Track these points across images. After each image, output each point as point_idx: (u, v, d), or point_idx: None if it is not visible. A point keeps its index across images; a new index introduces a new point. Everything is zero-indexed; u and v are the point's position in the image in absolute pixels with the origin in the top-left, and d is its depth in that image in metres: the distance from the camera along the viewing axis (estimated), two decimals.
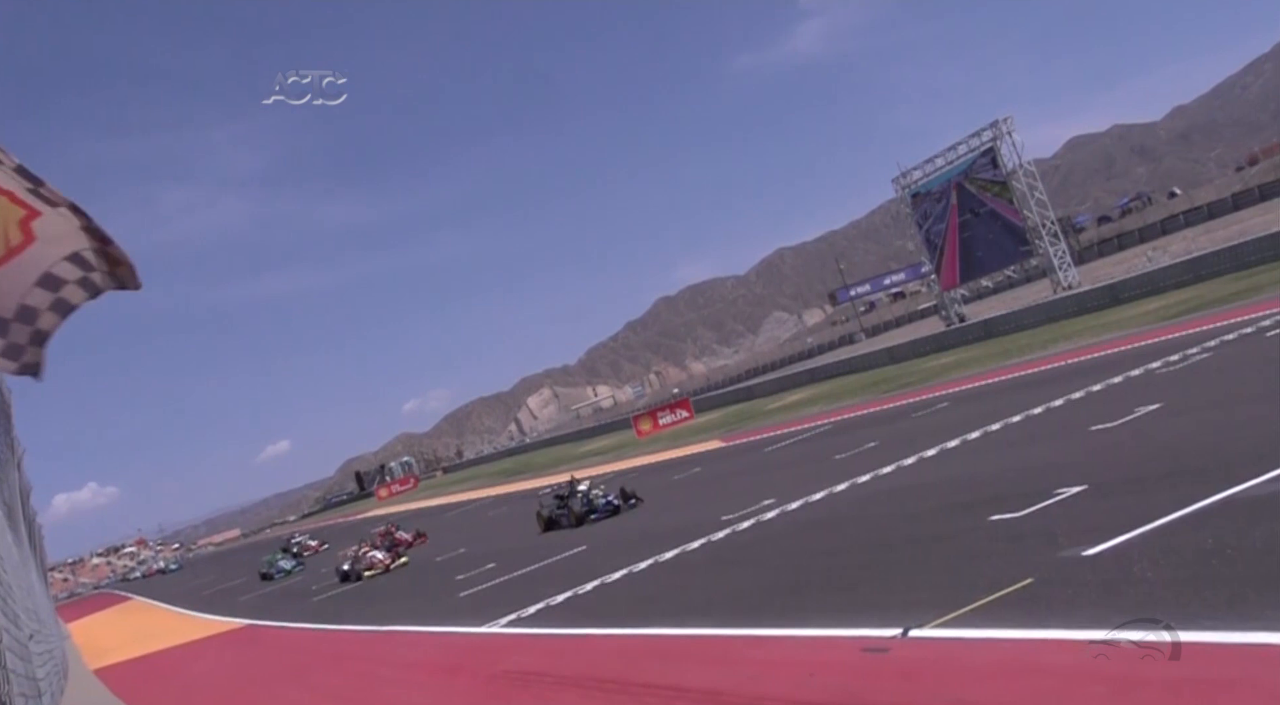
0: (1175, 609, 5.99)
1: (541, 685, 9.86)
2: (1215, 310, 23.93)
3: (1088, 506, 9.48)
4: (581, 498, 23.21)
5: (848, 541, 12.16)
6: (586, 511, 22.82)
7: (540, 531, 23.76)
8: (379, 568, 27.70)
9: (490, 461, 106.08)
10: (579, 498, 23.29)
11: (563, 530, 22.92)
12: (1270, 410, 11.26)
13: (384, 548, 29.57)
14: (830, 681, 6.94)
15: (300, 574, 38.09)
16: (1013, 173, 47.96)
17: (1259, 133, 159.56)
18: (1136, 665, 5.54)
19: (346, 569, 28.62)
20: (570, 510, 23.12)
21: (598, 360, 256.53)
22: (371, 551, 28.55)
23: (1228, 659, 5.21)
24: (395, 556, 28.27)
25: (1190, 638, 5.51)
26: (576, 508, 23.00)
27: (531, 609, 14.27)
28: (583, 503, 23.05)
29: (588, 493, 23.36)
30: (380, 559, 27.90)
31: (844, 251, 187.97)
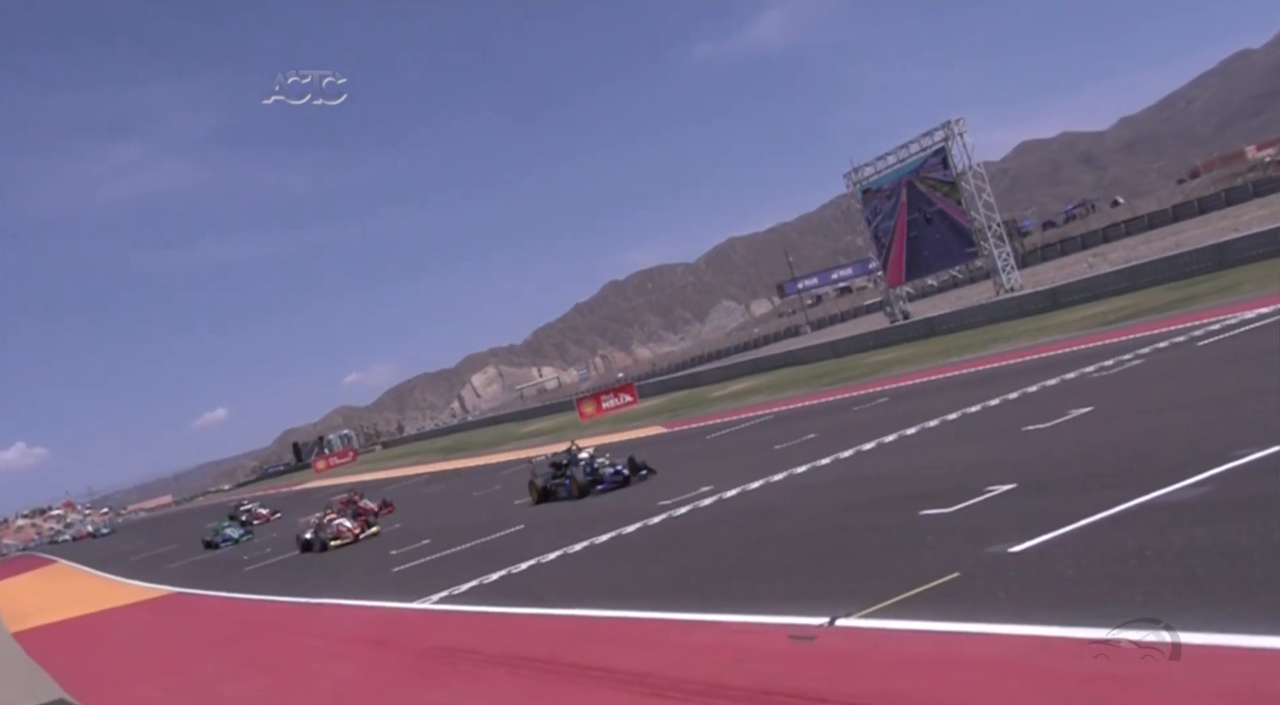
0: (1092, 606, 6.14)
1: (470, 662, 9.86)
2: (1150, 318, 24.46)
3: (1016, 505, 9.66)
4: (585, 466, 21.43)
5: (781, 531, 12.28)
6: (591, 481, 21.05)
7: (533, 503, 22.25)
8: (347, 537, 25.35)
9: (431, 438, 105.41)
10: (582, 466, 21.49)
11: (560, 502, 21.31)
12: (1196, 418, 11.55)
13: (349, 517, 27.06)
14: (756, 667, 7.03)
15: (248, 543, 36.15)
16: (962, 174, 48.52)
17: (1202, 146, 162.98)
18: (1053, 660, 5.68)
19: (309, 538, 26.40)
20: (573, 480, 21.31)
21: (544, 341, 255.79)
22: (338, 519, 26.19)
23: (1143, 656, 5.34)
24: (364, 525, 26.13)
25: (1106, 635, 5.65)
26: (580, 477, 21.18)
27: (464, 586, 14.24)
28: (587, 471, 21.26)
29: (591, 461, 21.55)
30: (348, 528, 25.66)
31: (794, 244, 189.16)
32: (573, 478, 21.33)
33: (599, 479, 21.02)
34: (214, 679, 13.14)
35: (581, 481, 21.08)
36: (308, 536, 26.41)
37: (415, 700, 9.06)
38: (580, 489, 21.01)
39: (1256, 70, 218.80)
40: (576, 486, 21.11)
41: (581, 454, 22.11)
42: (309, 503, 47.58)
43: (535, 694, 8.12)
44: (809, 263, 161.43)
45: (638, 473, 20.95)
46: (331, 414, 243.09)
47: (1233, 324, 18.59)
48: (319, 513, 27.42)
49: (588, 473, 21.23)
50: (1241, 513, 7.30)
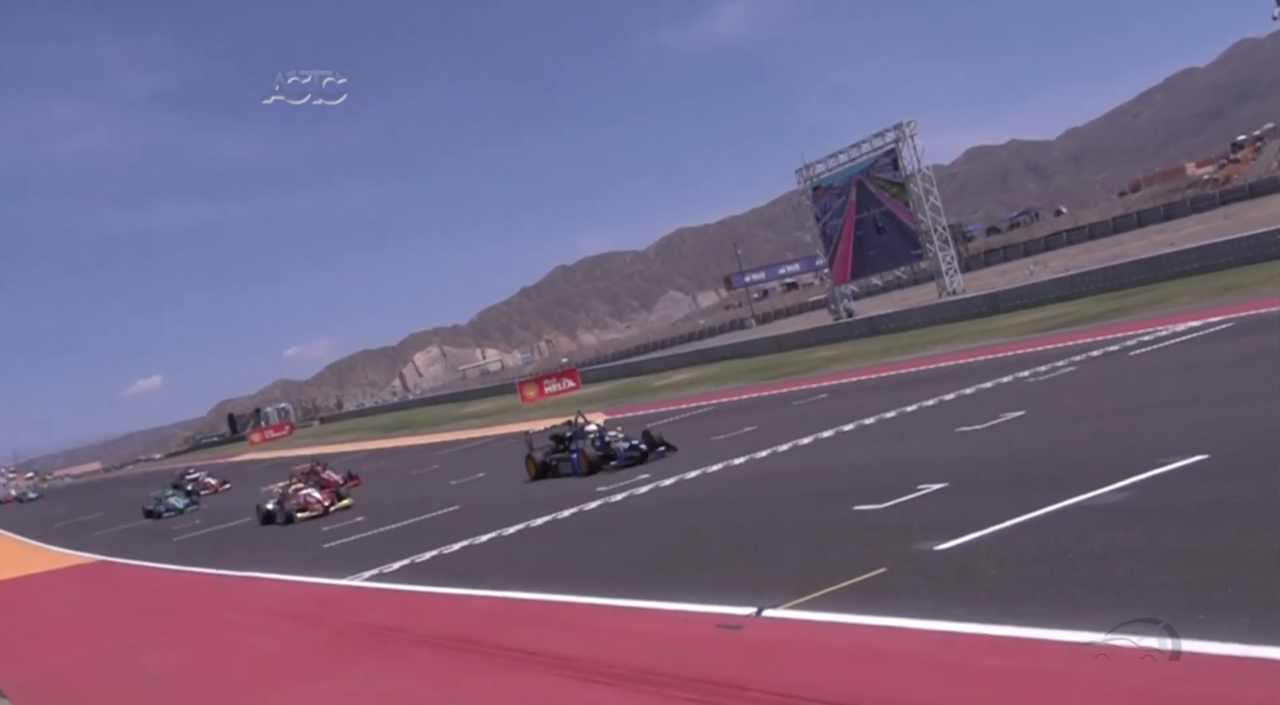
0: (1012, 605, 6.26)
1: (395, 640, 9.79)
2: (1086, 327, 24.95)
3: (946, 503, 9.81)
4: (594, 440, 19.54)
5: (715, 521, 12.35)
6: (604, 457, 19.14)
7: (531, 477, 20.58)
8: (315, 509, 23.50)
9: (371, 415, 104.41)
10: (591, 440, 19.59)
11: (562, 478, 19.60)
12: (1124, 425, 11.81)
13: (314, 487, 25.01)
14: (681, 655, 7.06)
15: (194, 514, 34.24)
16: (911, 176, 49.06)
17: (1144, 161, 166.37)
18: (970, 657, 5.78)
19: (271, 509, 24.60)
20: (581, 454, 19.38)
21: (489, 323, 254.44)
22: (305, 489, 24.25)
23: (1055, 655, 5.46)
24: (334, 497, 24.19)
25: (1022, 633, 5.77)
26: (590, 452, 19.22)
27: (395, 565, 14.15)
28: (596, 445, 19.39)
29: (601, 434, 19.71)
30: (317, 499, 23.76)
31: (743, 237, 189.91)
32: (581, 451, 19.45)
33: (611, 454, 19.13)
34: (133, 649, 12.93)
35: (592, 456, 19.17)
36: (270, 507, 24.79)
37: (336, 676, 8.98)
38: (590, 464, 19.11)
39: (1200, 89, 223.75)
40: (586, 462, 19.22)
41: (589, 426, 20.24)
42: (241, 475, 46.93)
43: (458, 675, 8.10)
44: (757, 257, 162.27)
45: (655, 449, 19.13)
46: (270, 387, 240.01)
47: (1164, 336, 19.02)
48: (283, 482, 25.68)
49: (597, 446, 19.37)
50: (1161, 519, 7.48)
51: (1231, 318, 19.28)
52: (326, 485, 24.83)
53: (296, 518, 23.36)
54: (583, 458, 19.30)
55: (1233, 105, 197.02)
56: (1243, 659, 4.79)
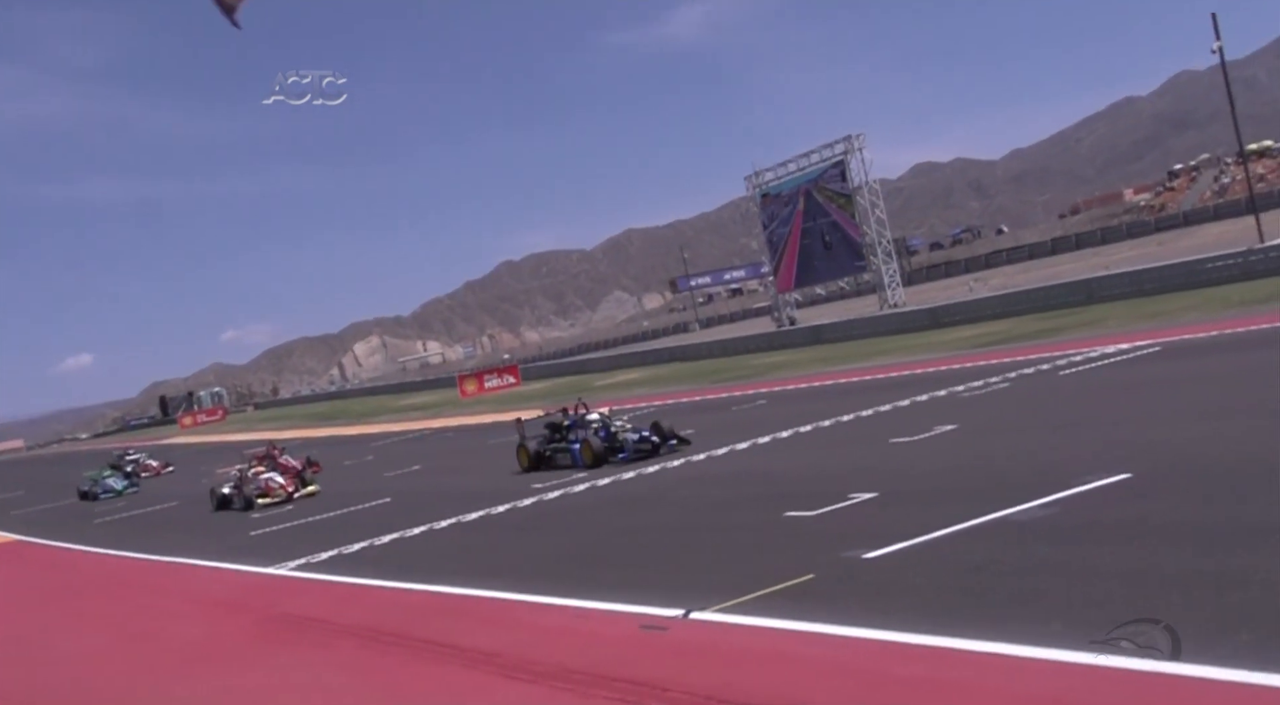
0: (934, 615, 6.35)
1: (319, 631, 9.68)
2: (1020, 344, 25.40)
3: (875, 513, 9.92)
4: (598, 429, 18.13)
5: (647, 521, 12.38)
6: (609, 448, 17.69)
7: (522, 468, 18.97)
8: (278, 495, 21.90)
9: (306, 403, 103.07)
10: (594, 429, 18.16)
11: (559, 470, 18.05)
12: (1050, 442, 12.04)
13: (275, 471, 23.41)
14: (605, 654, 7.07)
15: (133, 497, 32.68)
16: (858, 188, 49.58)
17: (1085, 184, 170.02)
18: (888, 664, 5.86)
19: (227, 493, 22.89)
20: (585, 445, 17.84)
21: (432, 315, 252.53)
22: (267, 474, 22.71)
23: (971, 665, 5.56)
24: (299, 482, 22.58)
25: (942, 643, 5.86)
26: (596, 443, 17.70)
27: (323, 555, 13.98)
28: (601, 434, 17.98)
29: (606, 424, 18.30)
30: (279, 484, 22.16)
31: (690, 241, 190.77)
32: (585, 442, 17.89)
33: (618, 446, 17.68)
34: (45, 632, 12.62)
35: (598, 448, 17.66)
36: (226, 491, 23.02)
37: (256, 665, 8.86)
38: (595, 457, 17.58)
39: (1141, 117, 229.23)
40: (590, 453, 17.67)
41: (591, 415, 18.80)
42: (171, 458, 46.00)
43: (380, 667, 8.02)
44: (704, 261, 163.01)
45: (667, 441, 17.58)
46: (204, 370, 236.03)
47: (1094, 357, 19.43)
48: (240, 465, 24.09)
49: (603, 436, 17.91)
50: (1082, 535, 7.64)
51: (1159, 342, 19.75)
52: (285, 471, 23.32)
53: (257, 504, 21.76)
54: (586, 449, 17.79)
55: (1171, 134, 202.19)
56: (1152, 674, 4.90)
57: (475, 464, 25.11)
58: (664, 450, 17.44)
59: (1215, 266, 30.07)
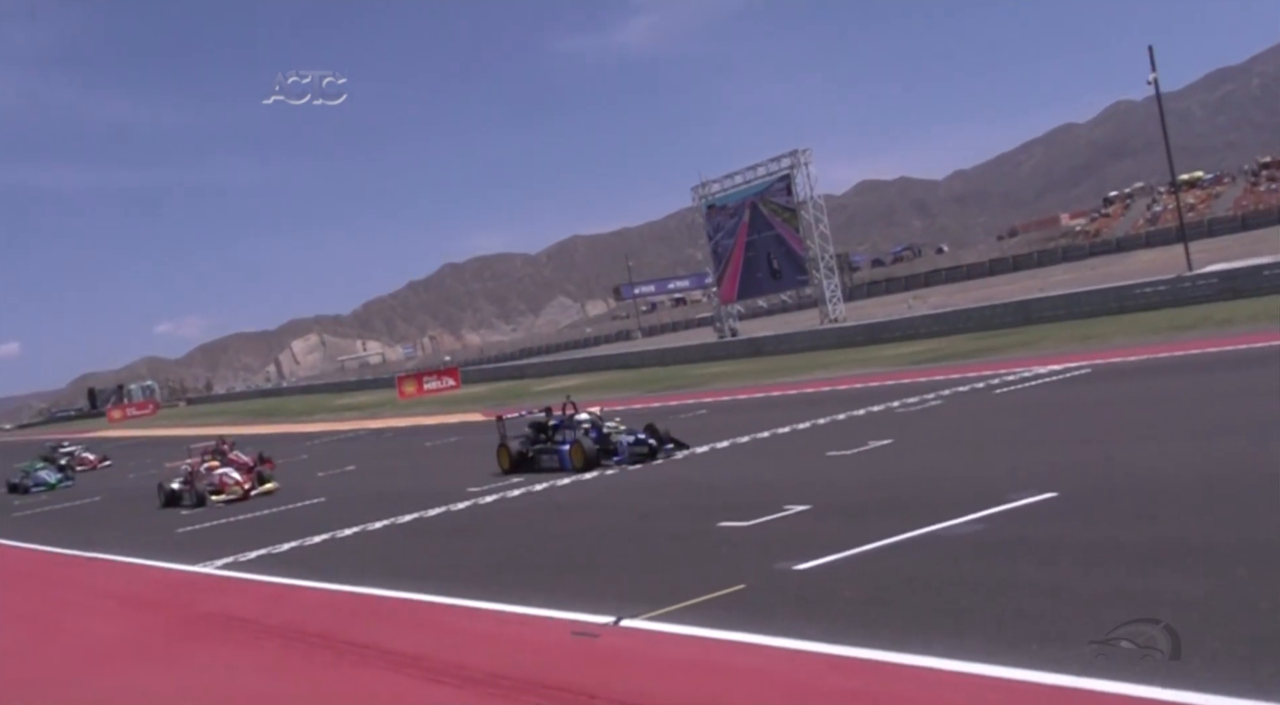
0: (860, 627, 6.42)
1: (243, 631, 9.52)
2: (956, 363, 25.80)
3: (808, 525, 10.00)
4: (588, 430, 17.06)
5: (582, 527, 12.37)
6: (601, 450, 16.64)
7: (503, 470, 17.96)
8: (234, 492, 20.64)
9: (241, 400, 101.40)
10: (585, 430, 17.08)
11: (544, 473, 17.00)
12: (981, 459, 12.25)
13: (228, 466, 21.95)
14: (534, 660, 7.05)
15: (67, 490, 31.45)
16: (803, 203, 50.04)
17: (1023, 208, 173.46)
18: (816, 675, 5.91)
19: (177, 489, 21.59)
20: (576, 447, 16.76)
21: (374, 315, 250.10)
22: (222, 469, 21.42)
23: (896, 677, 5.62)
24: (256, 478, 21.30)
25: (868, 655, 5.92)
26: (588, 445, 16.64)
27: (252, 554, 13.75)
28: (592, 435, 16.90)
29: (597, 425, 17.24)
30: (235, 480, 20.92)
31: (636, 249, 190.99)
32: (575, 444, 16.83)
33: (611, 449, 16.65)
34: None
35: (589, 450, 16.59)
36: (175, 487, 21.74)
37: (174, 664, 8.68)
38: (586, 459, 16.54)
39: (1079, 144, 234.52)
40: (581, 456, 16.61)
41: (581, 415, 17.68)
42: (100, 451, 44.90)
43: (304, 668, 7.91)
44: (648, 270, 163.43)
45: (663, 445, 16.64)
46: (136, 363, 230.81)
47: (1027, 377, 19.80)
48: (193, 459, 22.72)
49: (595, 437, 16.85)
50: (1007, 551, 7.77)
51: (1090, 364, 20.19)
52: (238, 466, 21.98)
53: (210, 500, 20.51)
54: (577, 451, 16.74)
55: (1108, 162, 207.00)
56: (1069, 690, 5.00)
57: (411, 466, 24.92)
58: (661, 455, 16.50)
59: (1146, 292, 30.86)
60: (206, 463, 21.80)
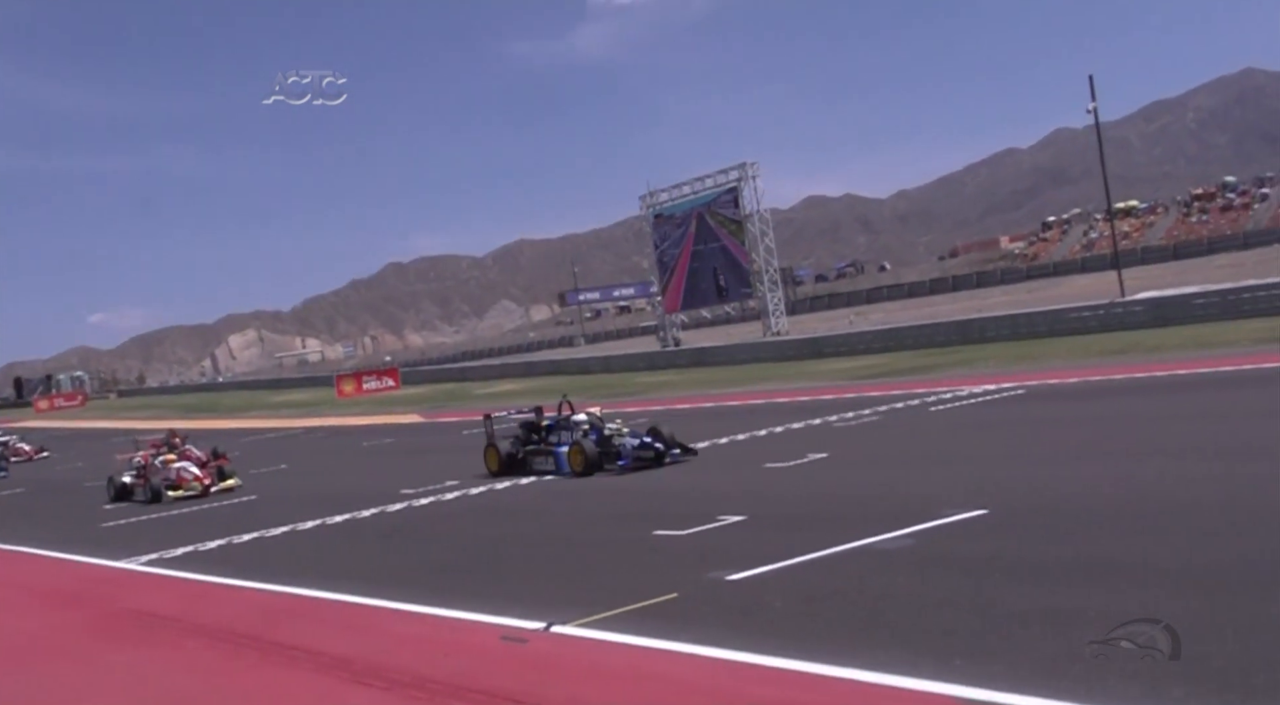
0: (788, 638, 6.45)
1: (166, 629, 9.32)
2: (895, 379, 26.13)
3: (742, 535, 10.04)
4: (587, 432, 16.06)
5: (517, 532, 12.30)
6: (604, 454, 15.59)
7: (491, 472, 16.95)
8: (193, 488, 19.46)
9: (174, 393, 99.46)
10: (584, 432, 16.07)
11: (539, 476, 16.14)
12: (915, 475, 12.39)
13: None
14: (463, 664, 6.99)
15: (2, 482, 30.61)
16: (749, 216, 50.40)
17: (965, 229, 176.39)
18: (744, 685, 5.93)
19: (129, 482, 20.49)
20: (575, 449, 15.74)
21: (314, 312, 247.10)
22: (180, 463, 20.13)
23: (822, 689, 5.66)
24: (216, 475, 20.16)
25: (796, 666, 5.95)
26: (589, 448, 15.59)
27: (178, 551, 13.48)
28: (592, 437, 15.85)
29: (597, 426, 16.22)
30: (196, 475, 19.73)
31: (582, 255, 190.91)
32: (575, 446, 15.83)
33: (614, 452, 15.61)
34: None
35: (591, 453, 15.56)
36: (128, 480, 20.61)
37: (92, 661, 8.47)
38: (587, 463, 15.52)
39: (1022, 169, 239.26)
40: (580, 459, 15.60)
41: (579, 416, 16.66)
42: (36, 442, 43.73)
43: (229, 668, 7.76)
44: (594, 277, 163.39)
45: (670, 450, 15.60)
46: (67, 352, 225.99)
47: (963, 395, 20.10)
48: (146, 451, 21.41)
49: (595, 439, 15.82)
50: (937, 566, 7.86)
51: (1025, 384, 20.55)
52: (191, 458, 20.83)
53: (167, 495, 19.42)
54: (576, 453, 15.72)
55: (1048, 187, 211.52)
56: (988, 704, 5.07)
57: (346, 466, 24.63)
58: (668, 460, 15.48)
59: (1080, 316, 31.51)
60: (161, 456, 20.57)
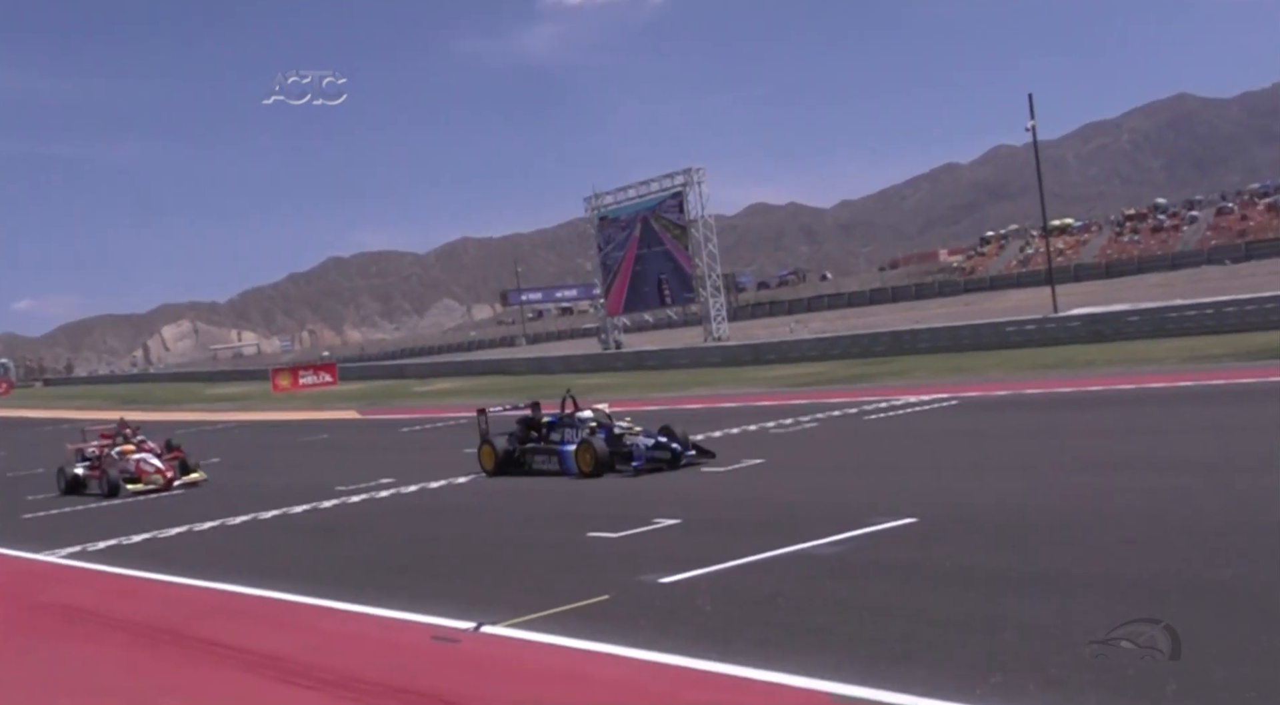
0: (717, 641, 6.51)
1: (88, 623, 9.13)
2: (832, 387, 26.40)
3: (676, 539, 10.10)
4: (594, 430, 15.11)
5: (451, 532, 12.25)
6: (615, 453, 14.62)
7: (486, 472, 16.10)
8: (154, 481, 18.33)
9: (104, 383, 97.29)
10: (591, 430, 15.13)
11: (539, 476, 15.37)
12: (847, 483, 12.56)
13: None
14: (392, 663, 6.95)
15: None
16: (694, 221, 50.65)
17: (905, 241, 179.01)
18: (673, 687, 5.98)
19: (81, 474, 19.17)
20: (585, 448, 14.75)
21: (251, 305, 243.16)
22: (139, 455, 18.90)
23: (750, 692, 5.72)
24: (179, 468, 19.01)
25: (724, 669, 6.01)
26: (599, 447, 14.59)
27: (102, 544, 13.22)
28: (600, 435, 14.91)
29: (605, 424, 15.28)
30: (157, 468, 18.58)
31: (526, 256, 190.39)
32: (583, 444, 14.86)
33: (626, 452, 14.65)
34: None
35: (601, 452, 14.59)
36: (80, 472, 19.27)
37: (13, 657, 8.27)
38: (597, 462, 14.53)
39: (962, 184, 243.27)
40: (590, 458, 14.60)
41: (585, 413, 15.67)
42: None
43: (152, 665, 7.63)
44: (537, 277, 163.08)
45: (686, 451, 14.70)
46: None
47: (898, 405, 20.38)
48: (100, 441, 20.11)
49: (606, 437, 14.89)
50: (865, 573, 7.99)
51: (958, 396, 20.90)
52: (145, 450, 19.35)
53: (126, 489, 18.24)
54: (585, 453, 14.73)
55: (987, 202, 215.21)
56: None
57: (280, 461, 24.31)
58: (684, 461, 14.57)
59: (1014, 330, 32.11)
60: (118, 446, 19.24)
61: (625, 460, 14.58)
